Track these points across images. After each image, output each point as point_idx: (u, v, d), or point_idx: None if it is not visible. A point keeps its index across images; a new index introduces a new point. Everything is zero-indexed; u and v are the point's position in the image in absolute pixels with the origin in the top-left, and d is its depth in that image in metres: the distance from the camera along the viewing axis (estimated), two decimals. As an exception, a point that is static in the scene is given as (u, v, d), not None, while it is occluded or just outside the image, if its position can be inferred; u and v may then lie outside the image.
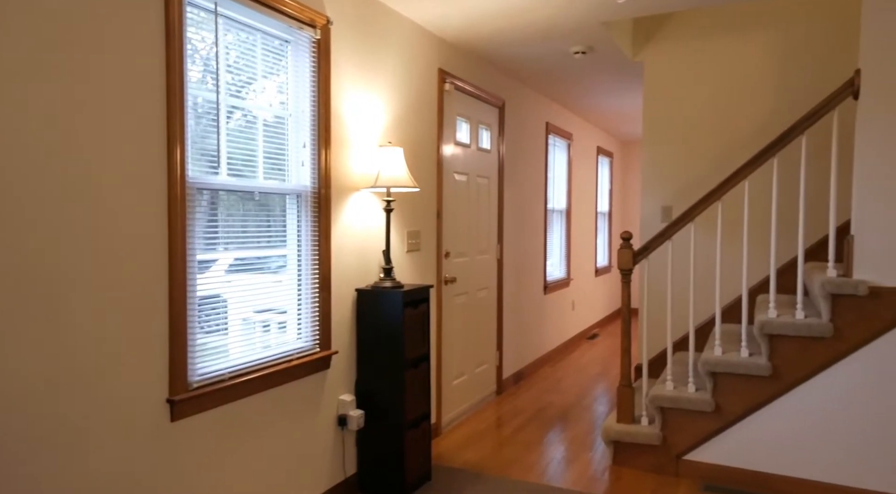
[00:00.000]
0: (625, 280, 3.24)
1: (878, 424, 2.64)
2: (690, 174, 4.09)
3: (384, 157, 2.85)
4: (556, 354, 5.86)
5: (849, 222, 3.63)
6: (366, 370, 2.88)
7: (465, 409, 4.07)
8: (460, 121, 4.00)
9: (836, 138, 2.75)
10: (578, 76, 4.65)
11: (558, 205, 6.10)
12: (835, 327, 2.71)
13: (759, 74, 3.85)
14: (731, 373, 2.92)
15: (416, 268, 3.44)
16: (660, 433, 3.08)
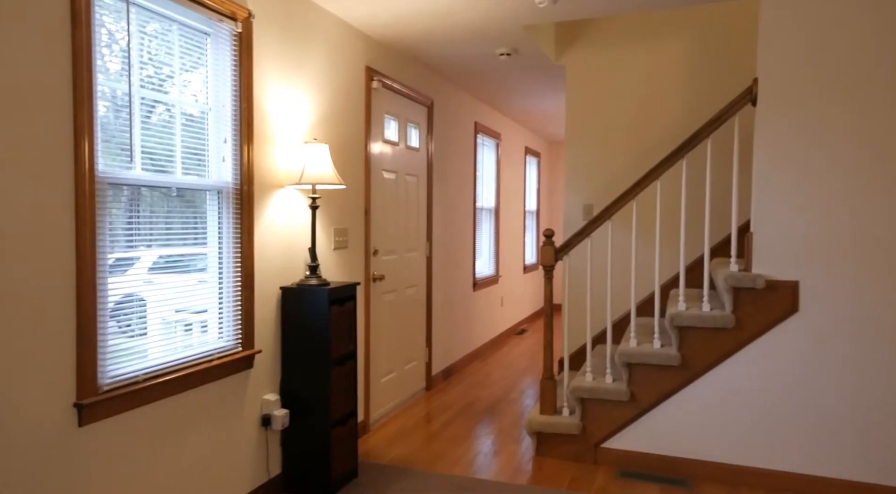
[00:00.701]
0: (547, 276, 3.35)
1: (774, 407, 2.86)
2: (610, 174, 4.26)
3: (309, 154, 2.83)
4: (485, 350, 5.97)
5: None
6: (291, 369, 2.85)
7: (394, 406, 4.10)
8: (388, 119, 4.02)
9: (737, 142, 2.94)
10: (505, 77, 4.76)
11: (487, 203, 6.21)
12: (736, 318, 2.91)
13: (672, 80, 4.06)
14: (645, 364, 3.08)
15: (343, 266, 3.43)
16: (579, 423, 3.20)
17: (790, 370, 2.83)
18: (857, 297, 2.71)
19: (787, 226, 2.82)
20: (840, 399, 2.75)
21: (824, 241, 2.75)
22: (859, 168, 2.69)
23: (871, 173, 2.68)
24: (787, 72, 2.79)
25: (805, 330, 2.80)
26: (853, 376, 2.72)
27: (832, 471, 2.77)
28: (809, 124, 2.76)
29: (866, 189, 2.69)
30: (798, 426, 2.82)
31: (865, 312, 2.70)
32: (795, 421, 2.82)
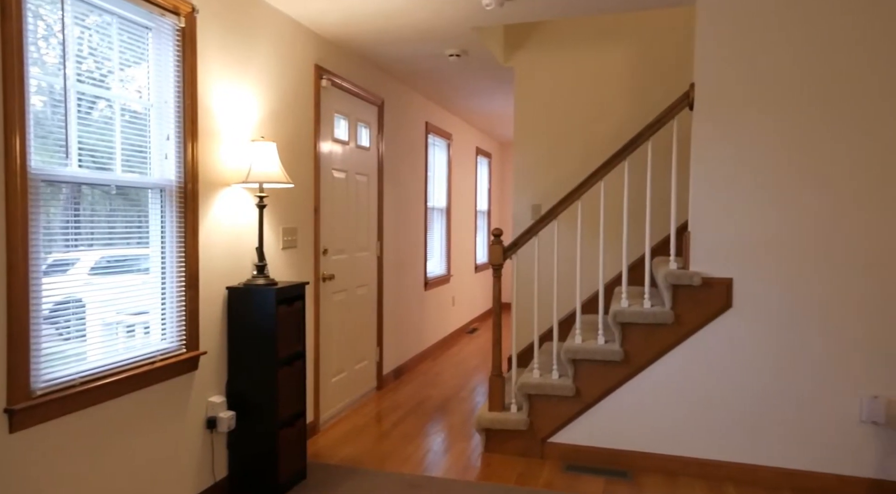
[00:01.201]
0: (496, 275, 3.40)
1: (709, 399, 2.99)
2: (558, 174, 4.36)
3: (256, 152, 2.80)
4: (436, 348, 6.00)
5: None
6: (238, 370, 2.81)
7: (345, 405, 4.08)
8: (338, 118, 4.00)
9: (675, 145, 3.06)
10: (455, 78, 4.80)
11: (438, 203, 6.25)
12: (675, 314, 3.03)
13: (618, 84, 4.18)
14: (589, 360, 3.17)
15: (292, 265, 3.40)
16: (527, 418, 3.27)
17: (724, 363, 2.96)
18: (786, 293, 2.86)
19: (722, 226, 2.95)
20: (771, 390, 2.90)
21: (755, 240, 2.89)
22: (787, 171, 2.84)
23: (797, 176, 2.83)
24: (721, 79, 2.92)
25: (738, 325, 2.94)
26: (783, 368, 2.88)
27: (764, 459, 2.92)
28: (741, 129, 2.90)
29: (793, 191, 2.84)
30: (732, 417, 2.96)
31: (793, 307, 2.85)
32: (729, 412, 2.96)
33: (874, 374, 2.74)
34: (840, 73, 2.76)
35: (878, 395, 2.73)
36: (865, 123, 2.74)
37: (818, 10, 2.77)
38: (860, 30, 2.72)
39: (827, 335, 2.81)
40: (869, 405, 2.72)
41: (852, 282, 2.76)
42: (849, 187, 2.76)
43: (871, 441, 2.76)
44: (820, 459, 2.83)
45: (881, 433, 2.75)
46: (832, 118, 2.78)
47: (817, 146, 2.80)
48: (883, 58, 2.70)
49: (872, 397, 2.72)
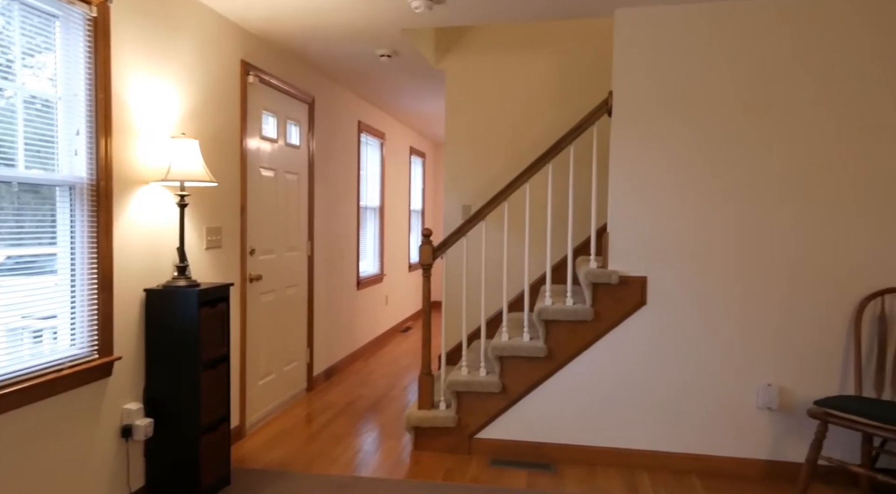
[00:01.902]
0: (425, 275, 3.43)
1: (626, 391, 3.13)
2: (487, 175, 4.43)
3: (177, 149, 2.71)
4: (369, 348, 5.98)
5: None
6: (157, 376, 2.73)
7: (273, 408, 4.02)
8: (266, 115, 3.93)
9: (595, 150, 3.18)
10: (386, 78, 4.80)
11: (372, 202, 6.23)
12: (595, 311, 3.14)
13: (542, 89, 4.30)
14: (515, 356, 3.25)
15: (216, 266, 3.32)
16: (455, 415, 3.32)
17: (638, 357, 3.11)
18: (694, 290, 3.03)
19: (637, 227, 3.09)
20: (679, 382, 3.06)
21: (667, 240, 3.05)
22: (697, 175, 3.01)
23: (707, 180, 3.00)
24: (637, 87, 3.06)
25: (652, 321, 3.08)
26: (690, 360, 3.05)
27: (673, 446, 3.09)
28: (656, 136, 3.05)
29: (703, 194, 3.01)
30: (646, 408, 3.11)
31: (699, 303, 3.03)
32: (644, 403, 3.11)
33: (769, 364, 2.96)
34: (749, 84, 2.94)
35: (772, 383, 2.95)
36: (772, 131, 2.93)
37: (731, 24, 2.95)
38: (771, 43, 2.91)
39: (729, 329, 3.00)
40: (764, 392, 2.94)
41: (754, 279, 2.96)
42: (752, 191, 2.95)
43: (767, 426, 2.98)
44: (722, 444, 3.03)
45: (775, 418, 2.97)
46: (740, 127, 2.97)
47: (726, 152, 2.98)
48: (791, 70, 2.90)
49: (766, 385, 2.94)
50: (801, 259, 2.91)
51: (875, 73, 2.81)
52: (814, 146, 2.88)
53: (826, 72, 2.85)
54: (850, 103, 2.84)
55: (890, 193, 2.82)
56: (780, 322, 2.94)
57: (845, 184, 2.85)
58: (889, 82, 2.79)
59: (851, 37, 2.82)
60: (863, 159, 2.83)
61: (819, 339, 2.91)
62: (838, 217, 2.88)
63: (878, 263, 2.85)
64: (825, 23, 2.84)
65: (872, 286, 2.85)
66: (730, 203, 2.98)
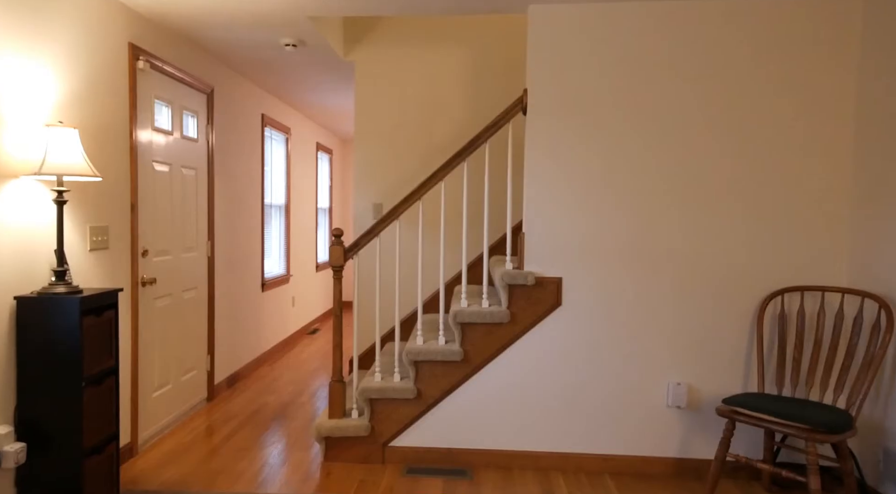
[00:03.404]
0: (336, 276, 3.29)
1: (540, 393, 3.14)
2: (399, 173, 4.33)
3: (53, 139, 2.41)
4: (275, 352, 5.71)
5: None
6: (31, 394, 2.41)
7: (170, 421, 3.71)
8: (160, 105, 3.61)
9: (511, 148, 3.16)
10: (292, 69, 4.58)
11: (277, 200, 5.95)
12: (511, 312, 3.13)
13: (458, 84, 4.25)
14: (430, 360, 3.17)
15: (103, 269, 3.00)
16: (368, 424, 3.20)
17: (553, 358, 3.13)
18: (605, 290, 3.09)
19: (552, 227, 3.10)
20: (593, 382, 3.11)
21: (580, 241, 3.08)
22: (604, 177, 3.06)
23: (613, 181, 3.06)
24: (548, 86, 3.07)
25: (567, 322, 3.11)
26: (603, 360, 3.10)
27: (586, 447, 3.13)
28: (566, 136, 3.07)
29: (611, 195, 3.06)
30: (559, 410, 3.13)
31: (611, 303, 3.09)
32: (559, 405, 3.13)
33: (679, 363, 3.06)
34: (636, 86, 3.02)
35: (681, 382, 3.05)
36: (670, 134, 3.03)
37: (626, 24, 3.01)
38: (651, 45, 3.00)
39: (639, 329, 3.08)
40: (673, 390, 3.04)
41: (662, 279, 3.05)
42: (658, 191, 3.04)
43: (676, 424, 3.08)
44: (632, 443, 3.11)
45: (684, 416, 3.07)
46: (632, 128, 3.04)
47: (623, 154, 3.05)
48: (685, 75, 3.00)
49: (676, 383, 3.03)
50: (700, 260, 3.03)
51: (751, 77, 2.97)
52: (695, 149, 3.00)
53: (702, 76, 2.98)
54: (729, 107, 2.98)
55: (787, 198, 2.99)
56: (686, 322, 3.05)
57: (743, 187, 3.00)
58: (765, 84, 2.96)
59: (726, 42, 2.96)
60: (751, 161, 2.99)
61: (724, 337, 3.04)
62: (737, 220, 3.02)
63: (778, 262, 3.01)
64: (699, 27, 2.97)
65: (772, 286, 3.01)
66: (630, 205, 3.06)
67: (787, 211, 3.00)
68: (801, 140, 2.97)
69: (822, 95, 2.94)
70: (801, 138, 2.97)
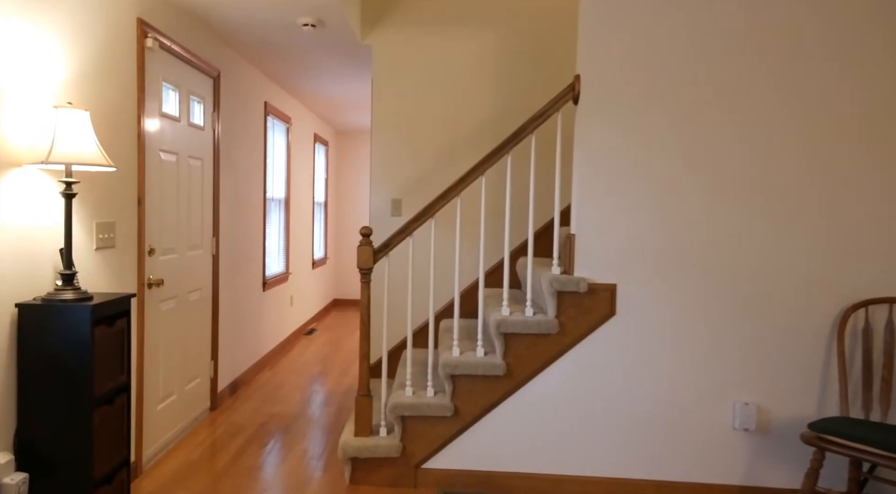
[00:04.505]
0: (364, 280, 3.00)
1: (590, 412, 2.89)
2: (419, 167, 4.05)
3: (62, 122, 2.09)
4: (274, 355, 5.39)
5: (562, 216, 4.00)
6: (34, 417, 2.09)
7: (174, 435, 3.39)
8: (168, 88, 3.28)
9: (560, 140, 2.90)
10: (303, 53, 4.26)
11: (277, 194, 5.61)
12: (560, 322, 2.88)
13: (485, 71, 3.98)
14: (468, 375, 2.91)
15: (109, 270, 2.67)
16: (399, 443, 2.93)
17: (605, 374, 2.88)
18: (667, 300, 2.84)
19: (605, 229, 2.85)
20: (649, 401, 2.87)
21: (641, 244, 2.84)
22: (676, 173, 2.80)
23: (686, 178, 2.80)
24: (608, 71, 2.80)
25: (620, 333, 2.87)
26: (661, 377, 2.86)
27: (646, 473, 2.87)
28: (627, 127, 2.81)
29: (682, 193, 2.79)
30: (613, 430, 2.89)
31: (674, 314, 2.85)
32: (611, 425, 2.89)
33: (747, 381, 2.81)
34: (742, 72, 2.75)
35: (749, 402, 2.81)
36: (762, 127, 2.75)
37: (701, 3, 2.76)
38: (741, 26, 2.76)
39: (703, 344, 2.84)
40: (741, 411, 2.79)
41: (729, 288, 2.80)
42: (740, 192, 2.77)
43: (742, 449, 2.83)
44: (694, 469, 2.85)
45: (751, 439, 2.83)
46: (730, 119, 2.76)
47: (702, 148, 2.78)
48: (787, 59, 2.75)
49: (744, 403, 2.80)
50: (772, 267, 2.79)
51: (832, 68, 2.74)
52: (771, 145, 2.76)
53: (782, 64, 2.75)
54: (804, 99, 2.74)
55: (868, 199, 2.76)
56: (755, 336, 2.80)
57: (819, 187, 2.77)
58: (847, 75, 2.74)
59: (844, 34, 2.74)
60: (844, 163, 2.75)
61: (797, 353, 2.79)
62: (814, 223, 2.76)
63: (860, 270, 2.75)
64: (778, 8, 2.74)
65: (853, 296, 2.76)
66: (703, 206, 2.80)
67: (870, 213, 2.74)
68: (888, 133, 2.73)
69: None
70: (888, 131, 2.73)
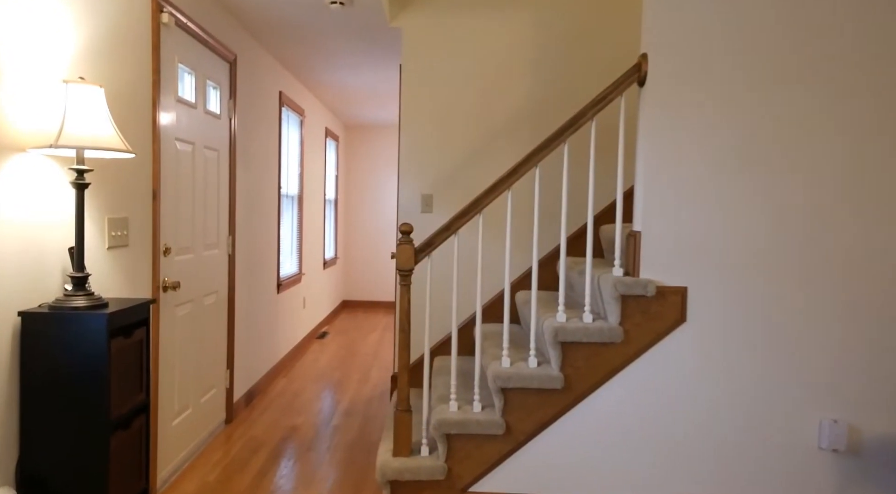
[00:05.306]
0: (405, 282, 2.70)
1: (660, 429, 2.60)
2: (451, 159, 3.76)
3: (74, 100, 1.78)
4: (288, 360, 5.08)
5: (604, 211, 3.71)
6: (38, 446, 1.79)
7: (189, 453, 3.08)
8: (183, 71, 2.97)
9: (623, 126, 2.59)
10: (325, 37, 3.95)
11: (291, 190, 5.30)
12: (624, 330, 2.59)
13: (519, 56, 3.69)
14: (523, 388, 2.61)
15: (122, 272, 2.37)
16: (444, 465, 2.63)
17: (675, 387, 2.59)
18: (746, 304, 2.55)
19: (676, 224, 2.56)
20: (725, 417, 2.57)
21: (715, 242, 2.55)
22: (754, 161, 2.52)
23: (766, 168, 2.52)
24: (677, 49, 2.51)
25: (692, 342, 2.58)
26: (739, 391, 2.57)
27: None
28: (704, 112, 2.52)
29: (769, 186, 2.51)
30: (683, 450, 2.59)
31: (754, 321, 2.55)
32: (682, 445, 2.59)
33: (835, 395, 2.52)
34: (845, 53, 2.46)
35: (839, 419, 2.52)
36: (859, 110, 2.47)
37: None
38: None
39: (787, 353, 2.55)
40: (829, 430, 2.50)
41: (815, 291, 2.52)
42: (831, 184, 2.48)
43: (830, 472, 2.54)
44: (775, 492, 2.56)
45: (841, 461, 2.53)
46: (823, 101, 2.47)
47: (800, 133, 2.48)
48: (862, 40, 2.48)
49: (832, 421, 2.50)
50: (868, 267, 2.49)
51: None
52: (876, 125, 2.48)
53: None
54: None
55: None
56: (847, 346, 2.50)
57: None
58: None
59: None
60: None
61: (893, 366, 2.50)
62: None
63: None
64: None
65: None
66: (789, 199, 2.51)
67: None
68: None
69: None
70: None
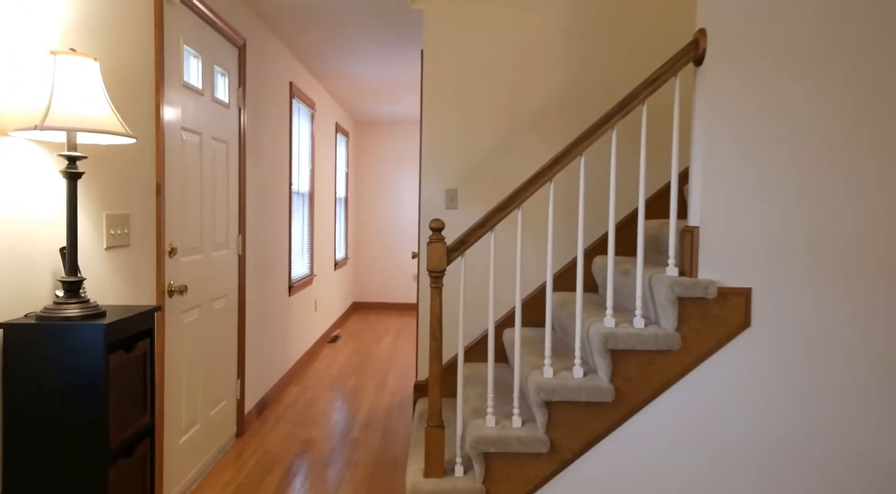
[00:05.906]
0: (436, 285, 2.43)
1: (721, 444, 2.33)
2: (476, 153, 3.49)
3: (63, 74, 1.52)
4: (300, 367, 4.82)
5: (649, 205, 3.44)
6: (24, 477, 1.53)
7: (199, 471, 2.83)
8: (189, 53, 2.72)
9: (677, 111, 2.32)
10: (340, 22, 3.70)
11: (302, 187, 5.05)
12: (682, 336, 2.32)
13: (548, 41, 3.42)
14: (569, 401, 2.34)
15: (122, 275, 2.11)
16: (482, 487, 2.36)
17: (739, 399, 2.32)
18: (818, 307, 2.28)
19: (739, 218, 2.29)
20: (799, 432, 2.31)
21: (782, 237, 2.28)
22: (829, 145, 2.25)
23: (843, 153, 2.25)
24: (744, 22, 2.24)
25: (758, 349, 2.31)
26: (813, 402, 2.30)
27: (788, 517, 2.32)
28: (769, 90, 2.25)
29: (836, 174, 2.25)
30: (749, 469, 2.33)
31: (827, 325, 2.28)
32: (745, 463, 2.33)
33: (922, 407, 2.26)
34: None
35: (930, 434, 2.26)
36: None
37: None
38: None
39: (867, 362, 2.28)
40: (920, 446, 2.24)
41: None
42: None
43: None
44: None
45: (934, 480, 2.28)
46: (885, 79, 2.22)
47: (882, 113, 2.22)
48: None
49: (923, 437, 2.24)
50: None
51: None
52: None
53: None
54: None
55: None
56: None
57: None
58: None
59: None
60: None
61: None
62: None
63: None
64: None
65: None
66: (867, 188, 2.24)
67: None
68: None
69: None
70: None
